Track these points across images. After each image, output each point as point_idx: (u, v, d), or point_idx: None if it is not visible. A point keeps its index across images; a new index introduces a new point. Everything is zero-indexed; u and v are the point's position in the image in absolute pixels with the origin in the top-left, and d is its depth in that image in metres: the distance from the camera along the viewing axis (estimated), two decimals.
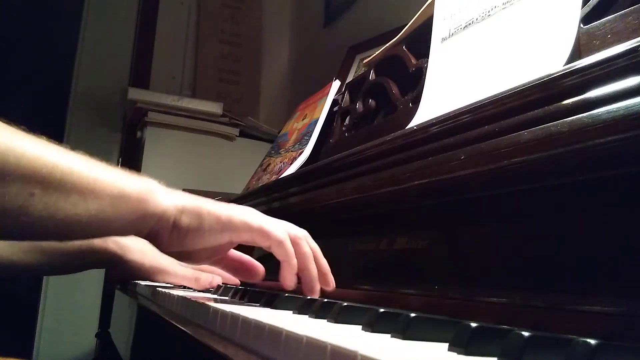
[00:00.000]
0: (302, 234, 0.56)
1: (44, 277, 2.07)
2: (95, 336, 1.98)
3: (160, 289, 0.72)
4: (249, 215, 0.55)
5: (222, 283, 0.82)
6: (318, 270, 0.56)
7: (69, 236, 0.53)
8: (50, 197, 0.44)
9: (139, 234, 0.53)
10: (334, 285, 0.57)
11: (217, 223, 0.54)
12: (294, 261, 0.54)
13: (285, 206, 0.76)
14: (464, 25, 0.59)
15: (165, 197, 0.53)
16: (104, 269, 2.01)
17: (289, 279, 0.54)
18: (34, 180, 0.43)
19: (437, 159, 0.45)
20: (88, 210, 0.47)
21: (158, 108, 1.85)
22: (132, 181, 0.51)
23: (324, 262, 0.57)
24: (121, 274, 0.94)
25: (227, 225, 0.54)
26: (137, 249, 0.91)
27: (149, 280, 0.90)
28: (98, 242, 0.88)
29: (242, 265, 0.62)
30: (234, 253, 0.62)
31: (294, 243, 0.55)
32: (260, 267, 0.62)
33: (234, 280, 0.83)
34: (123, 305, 1.38)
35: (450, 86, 0.57)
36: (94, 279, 2.05)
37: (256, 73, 2.45)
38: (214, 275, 0.85)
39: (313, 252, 0.56)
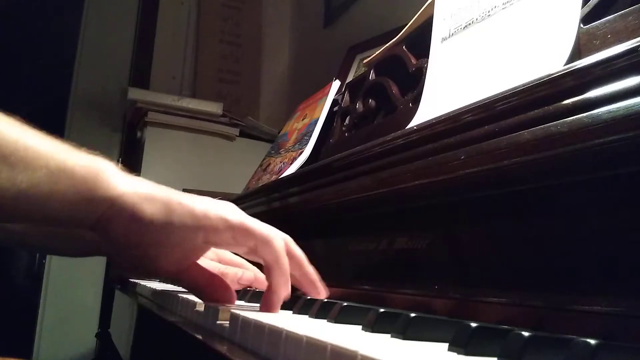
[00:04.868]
0: (288, 237, 0.48)
1: (44, 277, 2.07)
2: (95, 336, 1.98)
3: (160, 289, 0.72)
4: (227, 210, 0.46)
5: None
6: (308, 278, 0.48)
7: None
8: None
9: (84, 220, 0.43)
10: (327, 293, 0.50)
11: (190, 217, 0.44)
12: (286, 262, 0.46)
13: (285, 206, 0.76)
14: (464, 25, 0.59)
15: (123, 180, 0.44)
16: (103, 270, 2.03)
17: (282, 287, 0.45)
18: None
19: (437, 159, 0.45)
20: (15, 183, 0.37)
21: (158, 108, 1.85)
22: (79, 156, 0.42)
23: (312, 269, 0.50)
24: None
25: (202, 221, 0.45)
26: None
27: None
28: None
29: (212, 281, 0.51)
30: (204, 265, 0.51)
31: (285, 245, 0.47)
32: (230, 288, 0.51)
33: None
34: (123, 305, 1.38)
35: (450, 86, 0.57)
36: (94, 279, 2.05)
37: (256, 73, 2.45)
38: (244, 270, 0.65)
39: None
